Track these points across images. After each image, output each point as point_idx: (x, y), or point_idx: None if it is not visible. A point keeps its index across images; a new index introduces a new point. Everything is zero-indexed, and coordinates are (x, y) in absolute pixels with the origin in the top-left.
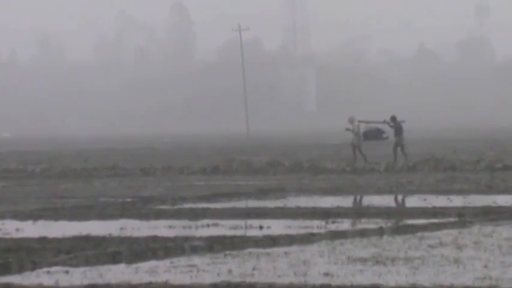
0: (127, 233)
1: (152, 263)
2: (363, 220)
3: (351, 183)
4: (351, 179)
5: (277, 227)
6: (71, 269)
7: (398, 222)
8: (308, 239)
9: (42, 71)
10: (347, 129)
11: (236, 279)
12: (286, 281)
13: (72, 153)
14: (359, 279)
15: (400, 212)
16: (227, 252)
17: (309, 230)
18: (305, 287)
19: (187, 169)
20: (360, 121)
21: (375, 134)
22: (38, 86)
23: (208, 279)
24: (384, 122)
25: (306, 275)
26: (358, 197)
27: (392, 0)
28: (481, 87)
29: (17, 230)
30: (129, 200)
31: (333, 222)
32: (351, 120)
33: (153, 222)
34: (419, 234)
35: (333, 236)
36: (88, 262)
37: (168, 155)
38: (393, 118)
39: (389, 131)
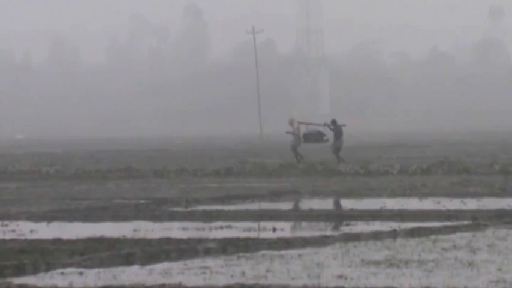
0: (141, 234)
1: (166, 265)
2: (377, 222)
3: (364, 186)
4: (364, 182)
5: (290, 229)
6: (85, 271)
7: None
8: (322, 241)
9: (55, 73)
10: (288, 133)
11: (250, 281)
12: (299, 283)
13: (86, 154)
14: (372, 282)
15: (414, 214)
16: (241, 254)
17: (323, 233)
18: None
19: (200, 171)
20: (299, 122)
21: (315, 137)
22: (52, 88)
23: (221, 281)
24: (325, 124)
25: (320, 278)
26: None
27: (405, 3)
28: (495, 90)
29: (31, 231)
30: (142, 201)
31: (347, 224)
32: (291, 122)
33: (166, 224)
34: (433, 237)
35: (347, 239)
36: (102, 263)
37: (181, 157)
38: (334, 122)
39: (329, 134)
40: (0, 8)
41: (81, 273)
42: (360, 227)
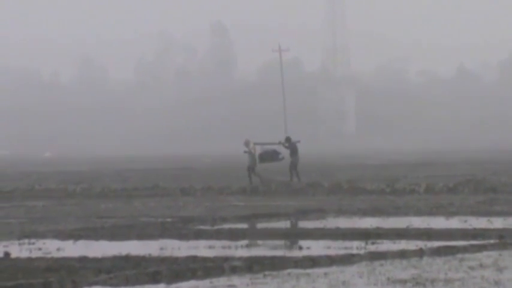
0: (167, 253)
1: (192, 283)
2: (403, 241)
3: (391, 205)
4: (390, 200)
5: (316, 247)
6: None
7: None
8: (348, 259)
9: (83, 90)
10: (245, 152)
11: None
12: None
13: (112, 172)
14: None
15: (440, 233)
16: (267, 272)
17: (349, 251)
18: None
19: (227, 189)
20: (255, 143)
21: (270, 155)
22: (80, 106)
23: None
24: (279, 143)
25: None
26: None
27: (431, 20)
28: None
29: (58, 249)
30: (169, 220)
31: (373, 243)
32: (247, 143)
33: (192, 242)
34: (459, 255)
35: (373, 257)
36: (128, 282)
37: (207, 175)
38: (288, 139)
39: (285, 152)
40: (28, 27)
41: None
42: (386, 245)
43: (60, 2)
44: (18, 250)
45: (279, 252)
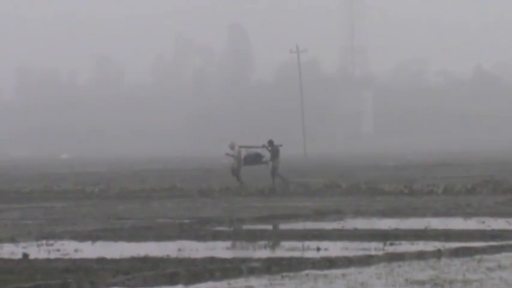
0: (185, 254)
1: (210, 284)
2: (421, 242)
3: (409, 205)
4: (408, 201)
5: (334, 248)
6: None
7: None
8: (366, 261)
9: (100, 92)
10: (227, 154)
11: None
12: None
13: (130, 174)
14: None
15: (458, 234)
16: (284, 273)
17: (367, 252)
18: None
19: (244, 190)
20: (240, 146)
21: (253, 158)
22: (97, 107)
23: None
24: (263, 146)
25: None
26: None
27: (449, 22)
28: None
29: (76, 250)
30: (186, 221)
31: (391, 244)
32: (232, 146)
33: (210, 244)
34: (477, 257)
35: (391, 258)
36: (146, 283)
37: (225, 177)
38: (270, 142)
39: (268, 156)
40: (46, 27)
41: None
42: (404, 246)
43: (78, 2)
44: (37, 251)
45: (296, 253)
